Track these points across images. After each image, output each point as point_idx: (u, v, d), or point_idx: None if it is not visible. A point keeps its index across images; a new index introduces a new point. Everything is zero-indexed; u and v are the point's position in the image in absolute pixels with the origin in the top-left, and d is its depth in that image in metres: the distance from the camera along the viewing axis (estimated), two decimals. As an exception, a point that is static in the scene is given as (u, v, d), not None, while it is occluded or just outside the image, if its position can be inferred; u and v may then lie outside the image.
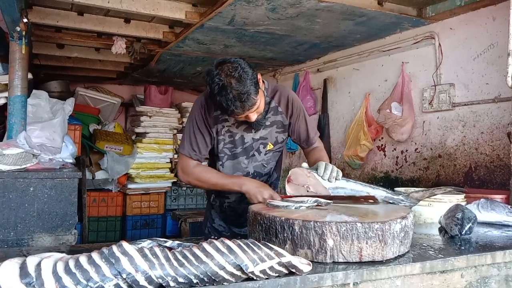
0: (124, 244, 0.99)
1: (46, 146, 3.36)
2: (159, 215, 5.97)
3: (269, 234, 1.33)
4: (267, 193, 1.83)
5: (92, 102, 6.04)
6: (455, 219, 1.66)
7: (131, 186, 5.75)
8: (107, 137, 5.59)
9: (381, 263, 1.25)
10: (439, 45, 3.42)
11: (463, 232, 1.62)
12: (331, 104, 4.71)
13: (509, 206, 1.99)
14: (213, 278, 0.99)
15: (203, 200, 6.17)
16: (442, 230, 1.76)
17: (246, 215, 2.09)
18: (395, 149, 3.86)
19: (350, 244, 1.23)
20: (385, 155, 3.97)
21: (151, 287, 0.94)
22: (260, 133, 2.02)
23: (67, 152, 3.61)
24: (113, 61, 5.21)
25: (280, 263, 1.08)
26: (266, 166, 2.10)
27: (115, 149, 5.53)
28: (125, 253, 0.96)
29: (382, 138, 4.00)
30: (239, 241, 1.10)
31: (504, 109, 2.91)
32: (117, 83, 6.52)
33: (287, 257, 1.10)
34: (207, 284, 0.99)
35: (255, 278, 1.04)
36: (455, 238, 1.64)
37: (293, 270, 1.10)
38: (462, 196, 2.07)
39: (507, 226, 1.90)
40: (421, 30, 3.57)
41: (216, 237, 1.15)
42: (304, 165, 1.80)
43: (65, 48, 4.72)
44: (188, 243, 1.19)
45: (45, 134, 3.43)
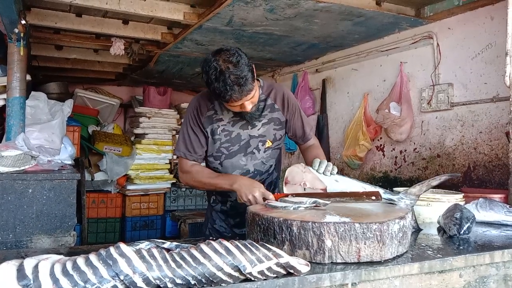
0: (122, 245, 0.99)
1: (45, 148, 3.36)
2: (159, 216, 5.97)
3: (267, 235, 1.33)
4: (257, 192, 1.77)
5: (91, 104, 6.04)
6: (453, 219, 1.66)
7: (130, 187, 5.74)
8: (106, 138, 5.59)
9: (379, 263, 1.25)
10: (438, 45, 3.42)
11: (461, 232, 1.62)
12: (330, 104, 4.71)
13: (507, 206, 1.99)
14: (211, 279, 0.99)
15: (202, 201, 6.17)
16: (441, 230, 1.76)
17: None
18: (394, 149, 3.86)
19: (348, 244, 1.23)
20: (384, 155, 3.97)
21: (148, 288, 0.94)
22: (258, 130, 2.03)
23: (66, 153, 3.61)
24: (111, 62, 5.21)
25: (278, 264, 1.08)
26: (265, 163, 2.10)
27: (114, 150, 5.53)
28: (122, 254, 0.96)
29: (381, 138, 4.00)
30: (237, 242, 1.10)
31: (503, 108, 2.91)
32: (116, 84, 6.51)
33: (285, 258, 1.10)
34: (205, 285, 0.99)
35: (253, 279, 1.04)
36: (454, 238, 1.64)
37: (291, 271, 1.10)
38: (460, 196, 2.07)
39: (506, 225, 1.90)
40: (419, 30, 3.57)
41: (215, 238, 1.15)
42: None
43: (63, 50, 4.72)
44: (186, 244, 1.19)
45: (44, 136, 3.43)
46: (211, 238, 1.18)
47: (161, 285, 0.95)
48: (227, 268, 1.02)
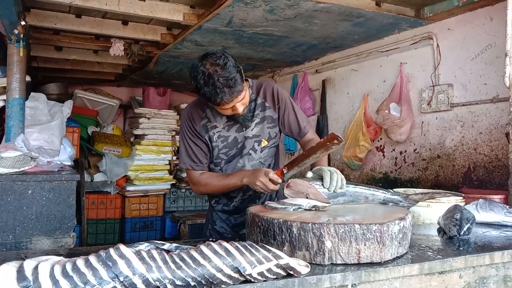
0: (122, 247, 0.99)
1: (45, 149, 3.35)
2: (158, 217, 5.96)
3: (267, 236, 1.33)
4: (262, 177, 1.80)
5: (90, 104, 6.04)
6: (453, 220, 1.66)
7: (129, 188, 5.74)
8: (105, 139, 5.58)
9: (379, 264, 1.25)
10: (437, 45, 3.42)
11: (461, 233, 1.62)
12: (330, 105, 4.71)
13: (507, 206, 1.99)
14: (211, 280, 0.99)
15: (202, 202, 6.16)
16: (441, 231, 1.76)
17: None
18: (394, 149, 3.86)
19: (348, 245, 1.23)
20: (384, 155, 3.97)
21: (148, 290, 0.94)
22: (252, 131, 2.02)
23: (66, 154, 3.61)
24: (111, 63, 5.21)
25: (278, 265, 1.08)
26: (264, 163, 2.09)
27: (114, 151, 5.53)
28: (122, 256, 0.96)
29: (381, 138, 4.00)
30: (236, 243, 1.10)
31: (502, 109, 2.92)
32: (116, 85, 6.51)
33: (285, 259, 1.10)
34: (204, 287, 0.99)
35: (253, 280, 1.04)
36: (454, 239, 1.63)
37: (291, 272, 1.10)
38: (460, 197, 2.06)
39: (506, 226, 1.90)
40: (419, 31, 3.58)
41: (215, 239, 1.15)
42: (309, 175, 1.72)
43: (63, 51, 4.72)
44: (186, 246, 1.19)
45: (43, 137, 3.43)
46: (211, 239, 1.18)
47: (160, 287, 0.95)
48: (227, 269, 1.01)
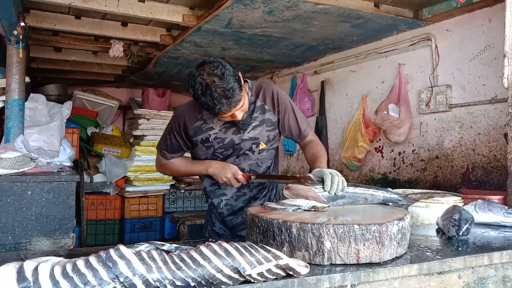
0: (122, 247, 1.00)
1: (44, 150, 3.36)
2: (158, 218, 5.96)
3: (266, 236, 1.33)
4: (229, 173, 1.94)
5: (89, 105, 6.03)
6: (452, 220, 1.66)
7: (129, 189, 5.73)
8: (105, 140, 5.58)
9: (378, 264, 1.25)
10: (436, 46, 3.43)
11: (460, 233, 1.63)
12: (329, 106, 4.72)
13: (506, 207, 2.00)
14: (211, 281, 1.00)
15: (201, 202, 6.16)
16: (440, 231, 1.76)
17: (243, 213, 2.10)
18: (392, 150, 3.87)
19: (347, 246, 1.24)
20: (382, 156, 3.98)
21: (148, 290, 0.94)
22: (250, 133, 2.01)
23: (65, 155, 3.61)
24: (110, 64, 5.21)
25: (277, 266, 1.08)
26: (261, 165, 2.09)
27: (113, 152, 5.52)
28: (122, 256, 0.96)
29: (380, 139, 4.01)
30: (236, 244, 1.10)
31: (501, 110, 2.92)
32: (115, 86, 6.51)
33: (285, 260, 1.10)
34: (204, 287, 0.99)
35: (252, 281, 1.05)
36: (453, 239, 1.64)
37: (291, 273, 1.10)
38: (459, 197, 2.07)
39: (504, 226, 1.91)
40: (417, 32, 3.58)
41: (214, 240, 1.15)
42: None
43: (62, 52, 4.72)
44: (186, 246, 1.19)
45: (43, 138, 3.43)
46: (210, 240, 1.18)
47: (160, 287, 0.95)
48: (227, 270, 1.02)
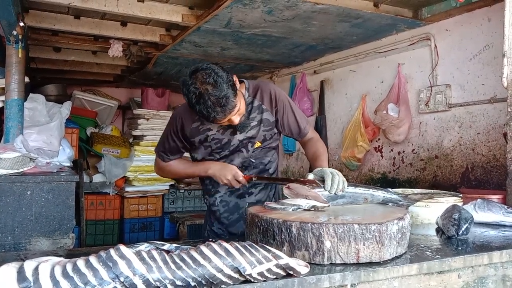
0: (122, 247, 1.00)
1: (43, 150, 3.36)
2: (157, 218, 5.96)
3: (266, 236, 1.33)
4: (229, 174, 1.94)
5: (89, 105, 6.03)
6: (452, 220, 1.66)
7: (128, 189, 5.73)
8: (104, 140, 5.58)
9: (378, 264, 1.26)
10: (435, 46, 3.43)
11: (460, 233, 1.63)
12: (328, 105, 4.72)
13: (505, 206, 2.00)
14: (211, 280, 1.00)
15: (201, 202, 6.16)
16: (439, 231, 1.76)
17: (239, 210, 2.10)
18: (392, 150, 3.87)
19: (347, 245, 1.24)
20: (382, 156, 3.98)
21: (149, 290, 0.94)
22: (247, 133, 2.01)
23: (64, 155, 3.61)
24: (110, 64, 5.21)
25: (277, 265, 1.08)
26: (253, 161, 2.09)
27: (113, 152, 5.52)
28: (122, 256, 0.96)
29: (379, 139, 4.01)
30: (236, 244, 1.11)
31: (500, 109, 2.93)
32: (114, 86, 6.51)
33: (285, 259, 1.10)
34: (204, 287, 0.99)
35: (252, 280, 1.05)
36: (452, 239, 1.64)
37: (291, 272, 1.10)
38: (459, 197, 2.07)
39: (504, 226, 1.91)
40: (417, 32, 3.59)
41: (214, 240, 1.15)
42: (310, 176, 1.73)
43: (61, 52, 4.72)
44: (186, 246, 1.19)
45: (42, 138, 3.43)
46: (209, 240, 1.18)
47: (161, 287, 0.95)
48: (227, 269, 1.02)
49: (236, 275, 1.03)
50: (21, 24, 3.00)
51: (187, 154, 2.20)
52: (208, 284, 1.00)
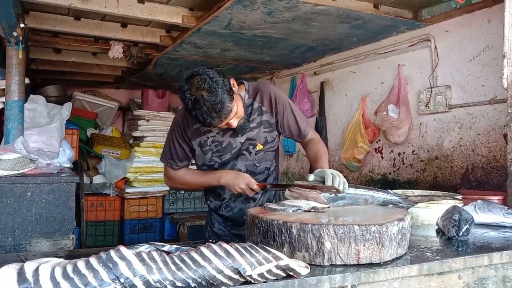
0: (122, 248, 1.00)
1: (44, 151, 3.36)
2: (157, 219, 5.96)
3: (266, 237, 1.33)
4: (243, 182, 1.90)
5: (89, 107, 6.04)
6: (452, 221, 1.66)
7: (129, 190, 5.73)
8: (104, 141, 5.58)
9: (378, 265, 1.25)
10: (435, 47, 3.44)
11: (460, 234, 1.63)
12: (328, 106, 4.72)
13: (506, 207, 2.00)
14: (211, 282, 1.00)
15: (201, 203, 6.16)
16: (440, 232, 1.76)
17: (244, 216, 2.10)
18: (392, 151, 3.87)
19: (347, 246, 1.24)
20: (382, 157, 3.98)
21: (149, 291, 0.94)
22: (248, 134, 2.01)
23: (65, 156, 3.61)
24: (110, 65, 5.21)
25: (278, 266, 1.08)
26: (257, 165, 2.08)
27: (113, 153, 5.52)
28: (123, 257, 0.97)
29: (379, 140, 4.01)
30: (236, 245, 1.11)
31: (500, 110, 2.93)
32: (115, 87, 6.52)
33: (285, 260, 1.10)
34: (205, 288, 0.99)
35: (253, 281, 1.05)
36: (453, 240, 1.64)
37: (291, 273, 1.10)
38: (459, 198, 2.07)
39: (504, 227, 1.91)
40: (417, 33, 3.59)
41: (214, 241, 1.15)
42: (310, 178, 1.72)
43: (62, 53, 4.72)
44: (186, 247, 1.19)
45: (43, 139, 3.43)
46: (210, 241, 1.18)
47: (161, 288, 0.95)
48: (227, 270, 1.02)
49: (236, 276, 1.03)
50: (22, 25, 3.01)
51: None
52: (208, 285, 1.00)
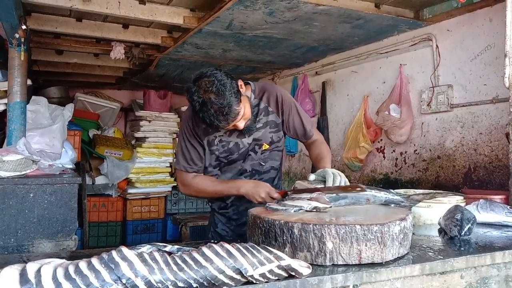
0: (124, 249, 1.00)
1: (46, 152, 3.36)
2: (160, 219, 5.97)
3: (268, 237, 1.33)
4: (263, 191, 1.86)
5: (91, 108, 6.05)
6: (454, 220, 1.66)
7: (131, 190, 5.74)
8: (106, 142, 5.59)
9: (380, 265, 1.25)
10: (437, 46, 3.43)
11: (462, 233, 1.63)
12: (330, 106, 4.72)
13: (508, 207, 1.99)
14: (213, 282, 1.00)
15: (203, 204, 6.17)
16: (442, 231, 1.76)
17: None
18: (394, 150, 3.87)
19: (349, 246, 1.24)
20: (384, 157, 3.98)
21: (151, 291, 0.94)
22: (254, 135, 2.02)
23: (67, 157, 3.61)
24: (112, 66, 5.23)
25: (279, 266, 1.08)
26: (263, 164, 2.09)
27: (115, 154, 5.54)
28: (124, 258, 0.97)
29: (381, 140, 4.00)
30: (238, 245, 1.11)
31: (502, 109, 2.92)
32: (116, 88, 6.53)
33: (287, 260, 1.10)
34: (206, 288, 0.99)
35: (254, 281, 1.05)
36: (455, 239, 1.64)
37: (293, 273, 1.10)
38: (461, 197, 2.07)
39: (507, 226, 1.90)
40: (418, 32, 3.58)
41: (217, 241, 1.15)
42: (311, 177, 1.75)
43: (64, 54, 4.74)
44: (188, 248, 1.19)
45: (45, 140, 3.43)
46: (213, 241, 1.18)
47: (163, 288, 0.95)
48: (229, 271, 1.02)
49: (238, 277, 1.03)
50: (23, 27, 3.01)
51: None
52: (210, 286, 1.00)
